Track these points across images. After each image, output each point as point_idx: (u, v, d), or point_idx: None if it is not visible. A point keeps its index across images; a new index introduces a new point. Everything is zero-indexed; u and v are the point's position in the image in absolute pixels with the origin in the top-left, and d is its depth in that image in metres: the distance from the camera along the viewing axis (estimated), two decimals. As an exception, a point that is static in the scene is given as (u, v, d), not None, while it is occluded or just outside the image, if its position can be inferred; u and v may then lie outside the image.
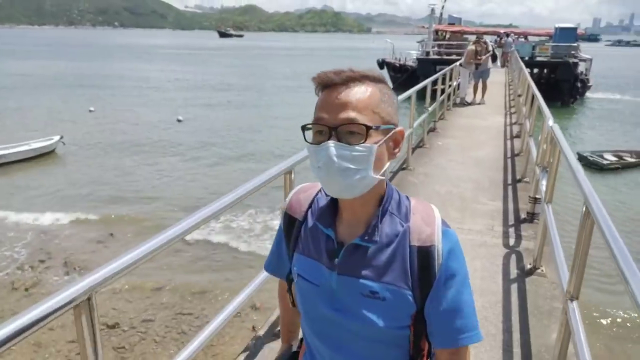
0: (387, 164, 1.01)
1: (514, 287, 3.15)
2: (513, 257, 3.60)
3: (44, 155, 13.77)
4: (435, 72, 12.11)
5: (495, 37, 26.01)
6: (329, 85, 0.96)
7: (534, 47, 23.58)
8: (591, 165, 11.61)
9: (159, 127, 18.35)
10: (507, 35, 24.54)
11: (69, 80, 33.79)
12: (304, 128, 1.00)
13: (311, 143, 0.98)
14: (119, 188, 11.37)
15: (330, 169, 0.94)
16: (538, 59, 23.07)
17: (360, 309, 0.99)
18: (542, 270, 3.36)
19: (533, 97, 5.94)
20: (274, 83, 32.61)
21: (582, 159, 11.56)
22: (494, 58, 11.58)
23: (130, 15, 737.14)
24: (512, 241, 3.89)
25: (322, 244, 1.05)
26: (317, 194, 1.13)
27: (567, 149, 2.79)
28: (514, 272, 3.37)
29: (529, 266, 3.43)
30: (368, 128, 0.94)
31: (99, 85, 31.05)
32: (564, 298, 2.04)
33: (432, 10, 27.16)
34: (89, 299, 1.21)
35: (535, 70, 22.81)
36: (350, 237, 1.02)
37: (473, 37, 14.94)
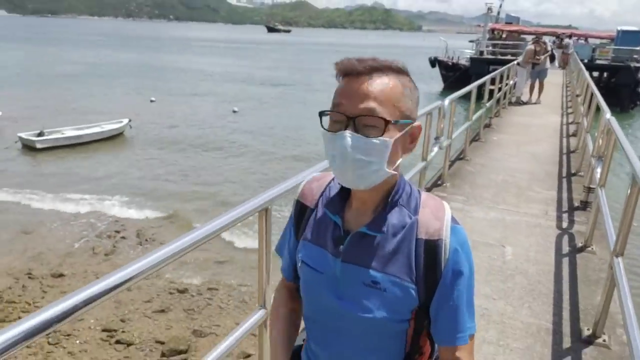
0: (401, 158, 1.00)
1: (565, 260, 3.51)
2: (565, 237, 3.94)
3: (114, 137, 14.82)
4: (489, 72, 12.17)
5: (553, 37, 25.41)
6: (351, 73, 0.94)
7: (593, 50, 22.90)
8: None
9: (217, 119, 19.22)
10: (570, 37, 23.95)
11: (129, 71, 35.59)
12: (321, 114, 0.99)
13: (327, 130, 0.97)
14: (182, 174, 12.28)
15: (345, 159, 0.93)
16: (598, 62, 22.46)
17: (361, 298, 0.98)
18: (593, 249, 3.69)
19: (592, 95, 6.13)
20: (322, 79, 33.10)
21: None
22: (552, 58, 11.57)
23: (185, 9, 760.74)
24: (564, 224, 4.21)
25: (329, 231, 1.05)
26: (329, 183, 1.13)
27: (622, 137, 3.12)
28: (565, 248, 3.72)
29: (580, 245, 3.77)
30: (387, 122, 0.92)
31: (157, 77, 32.59)
32: (611, 255, 2.42)
33: (489, 9, 26.75)
34: (266, 208, 1.73)
35: (595, 74, 22.13)
36: (357, 226, 1.01)
37: (529, 38, 14.83)
